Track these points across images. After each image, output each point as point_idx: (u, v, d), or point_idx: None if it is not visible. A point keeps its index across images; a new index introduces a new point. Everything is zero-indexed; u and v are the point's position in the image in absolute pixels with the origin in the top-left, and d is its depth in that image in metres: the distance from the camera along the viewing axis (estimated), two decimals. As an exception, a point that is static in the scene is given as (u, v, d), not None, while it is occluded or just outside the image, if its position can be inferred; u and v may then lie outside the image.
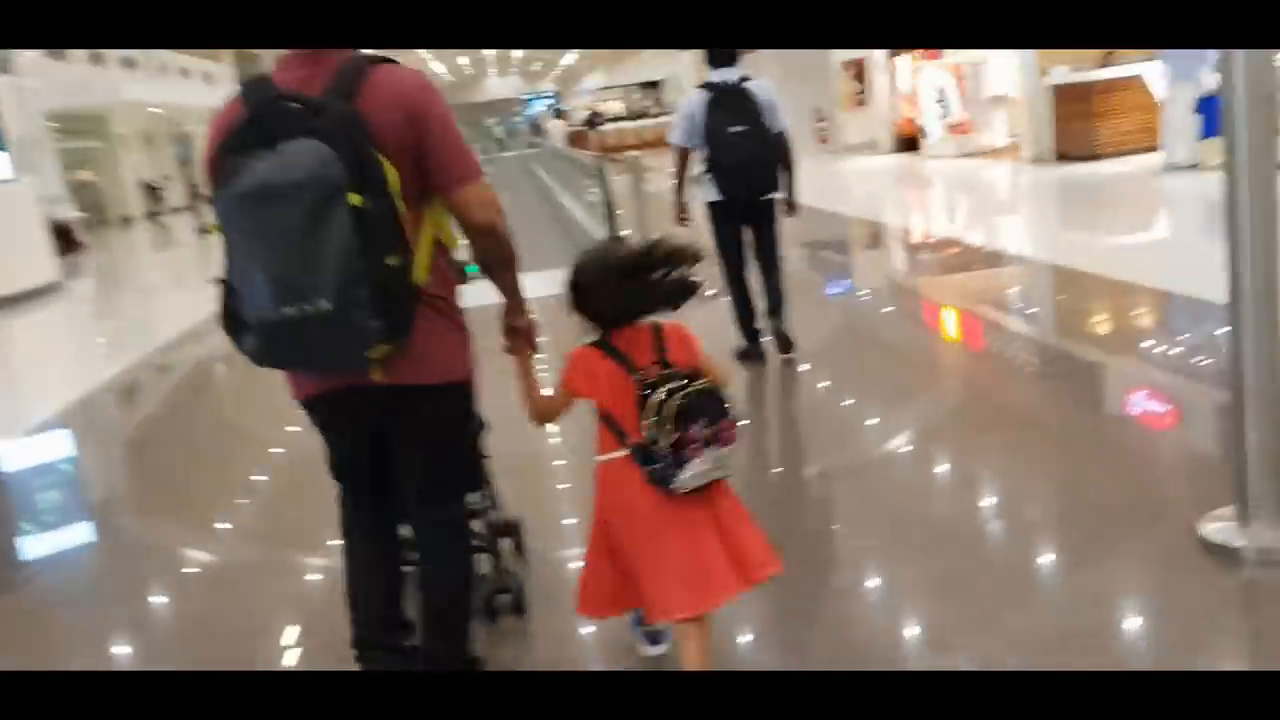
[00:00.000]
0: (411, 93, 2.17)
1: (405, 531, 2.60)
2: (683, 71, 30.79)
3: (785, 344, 5.49)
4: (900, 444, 4.34)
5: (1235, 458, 2.92)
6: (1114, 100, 12.01)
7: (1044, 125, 12.86)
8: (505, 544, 3.27)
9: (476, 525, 3.01)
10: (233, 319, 2.13)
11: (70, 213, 20.23)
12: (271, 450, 5.41)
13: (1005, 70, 14.87)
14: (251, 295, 2.06)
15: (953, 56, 16.11)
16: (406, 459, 2.41)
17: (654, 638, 2.73)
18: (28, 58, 18.09)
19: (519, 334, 2.49)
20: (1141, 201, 9.83)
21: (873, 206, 12.52)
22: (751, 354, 5.52)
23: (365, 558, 2.51)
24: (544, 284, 2.95)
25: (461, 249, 2.42)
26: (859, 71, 20.10)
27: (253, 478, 5.08)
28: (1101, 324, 5.96)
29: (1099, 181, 11.10)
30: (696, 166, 5.31)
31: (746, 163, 5.13)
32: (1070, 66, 12.60)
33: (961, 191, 13.01)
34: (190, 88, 30.09)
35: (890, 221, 11.35)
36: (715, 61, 5.23)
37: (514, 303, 2.47)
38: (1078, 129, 12.33)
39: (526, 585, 3.14)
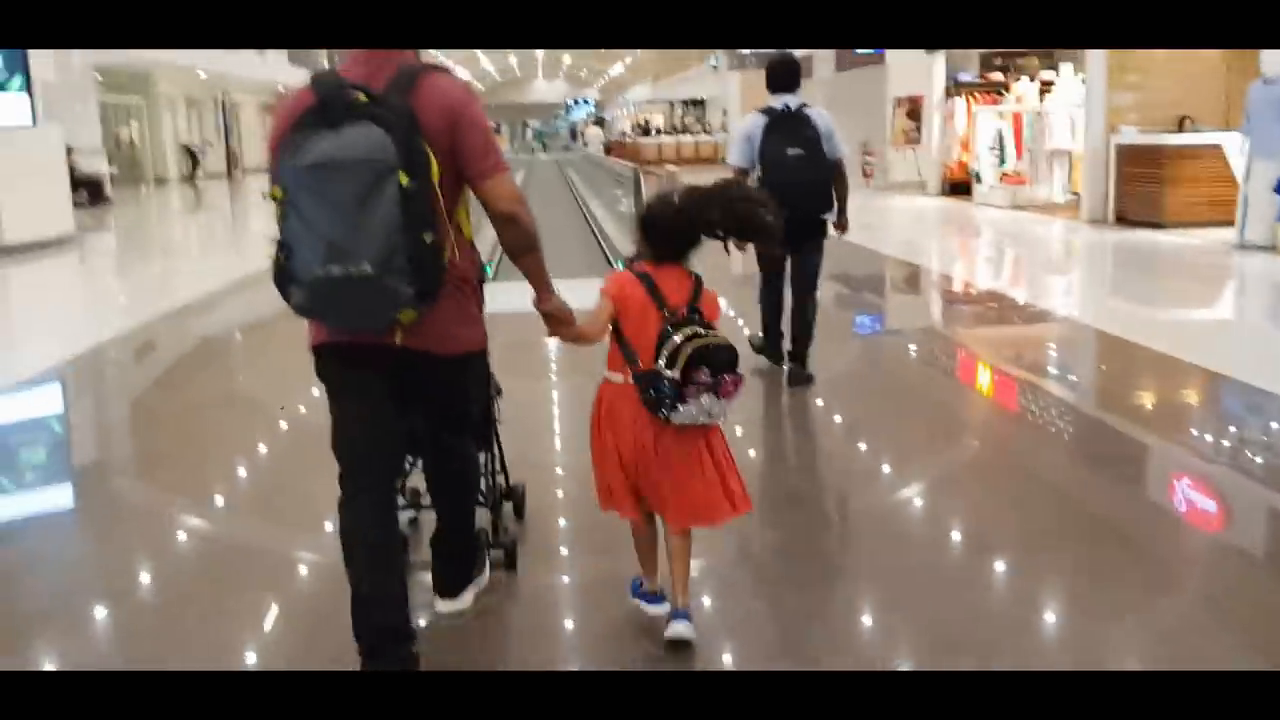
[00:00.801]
0: (455, 97, 2.50)
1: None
2: (728, 92, 30.57)
3: (801, 379, 5.50)
4: (935, 541, 3.86)
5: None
6: (1186, 168, 11.37)
7: (1106, 186, 12.35)
8: (506, 507, 3.52)
9: (482, 485, 3.23)
10: (284, 275, 2.39)
11: (102, 166, 20.01)
12: (276, 426, 5.22)
13: (1069, 123, 14.38)
14: (304, 255, 2.32)
15: (1015, 104, 15.66)
16: (421, 413, 2.74)
17: (651, 599, 2.88)
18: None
19: (553, 317, 2.73)
20: (1209, 277, 9.27)
21: (916, 248, 12.04)
22: (767, 351, 5.66)
23: (370, 557, 2.57)
24: (573, 295, 2.84)
25: (482, 249, 2.69)
26: (913, 109, 19.66)
27: (252, 450, 4.92)
28: (1164, 409, 5.49)
29: (1162, 251, 10.57)
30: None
31: (801, 187, 5.10)
32: (1140, 128, 12.11)
33: (1012, 244, 12.47)
34: (240, 57, 29.72)
35: (934, 266, 10.86)
36: (775, 86, 5.35)
37: (541, 288, 2.70)
38: (1143, 193, 11.79)
39: (521, 545, 3.35)
